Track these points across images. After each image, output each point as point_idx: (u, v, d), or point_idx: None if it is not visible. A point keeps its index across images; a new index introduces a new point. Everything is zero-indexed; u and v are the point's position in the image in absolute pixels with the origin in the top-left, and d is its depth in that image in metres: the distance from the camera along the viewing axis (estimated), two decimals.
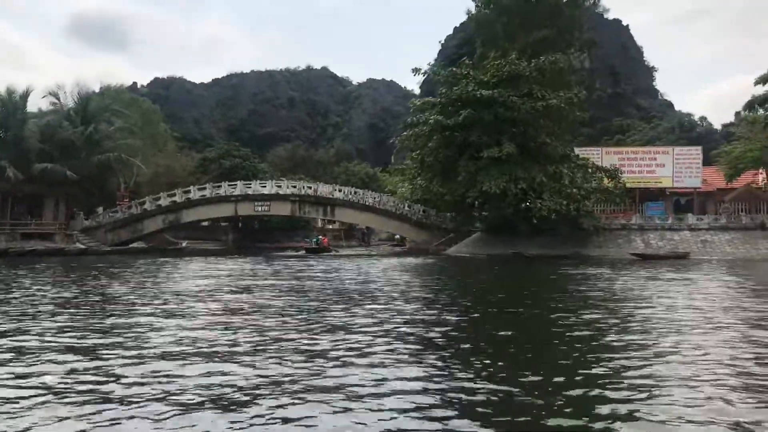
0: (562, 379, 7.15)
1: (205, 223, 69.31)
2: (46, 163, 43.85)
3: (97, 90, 56.15)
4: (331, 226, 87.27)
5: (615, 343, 9.61)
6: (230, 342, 9.48)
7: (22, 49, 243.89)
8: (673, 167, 48.25)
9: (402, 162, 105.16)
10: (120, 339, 9.79)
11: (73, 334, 10.21)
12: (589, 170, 43.39)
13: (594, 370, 7.63)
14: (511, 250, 39.95)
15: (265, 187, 51.88)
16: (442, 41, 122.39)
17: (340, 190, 52.46)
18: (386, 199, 51.91)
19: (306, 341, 9.55)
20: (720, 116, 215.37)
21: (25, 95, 45.10)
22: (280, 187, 51.89)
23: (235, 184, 51.36)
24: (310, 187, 51.92)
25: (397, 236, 56.62)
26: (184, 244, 58.67)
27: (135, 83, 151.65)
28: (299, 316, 12.35)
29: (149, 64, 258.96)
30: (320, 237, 56.56)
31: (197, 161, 71.78)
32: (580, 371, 7.58)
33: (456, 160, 41.11)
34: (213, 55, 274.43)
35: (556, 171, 40.20)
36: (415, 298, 16.17)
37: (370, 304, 14.55)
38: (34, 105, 49.78)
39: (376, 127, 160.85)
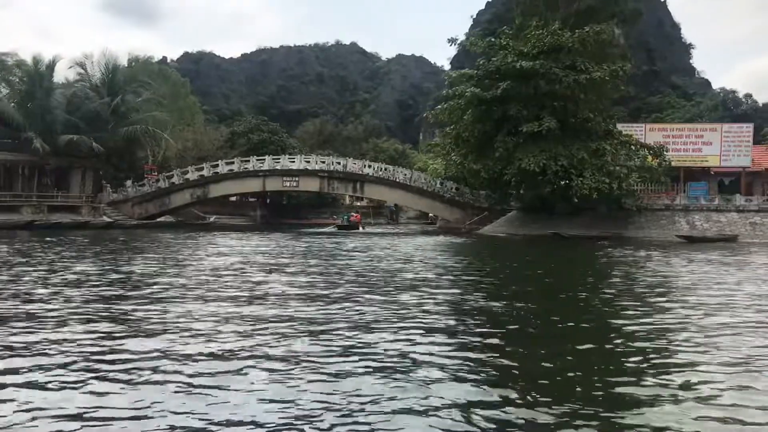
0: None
1: (234, 199, 68.69)
2: (72, 135, 43.11)
3: (124, 62, 55.18)
4: (359, 204, 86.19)
5: (696, 341, 8.10)
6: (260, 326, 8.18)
7: (50, 21, 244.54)
8: (721, 145, 45.82)
9: (431, 139, 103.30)
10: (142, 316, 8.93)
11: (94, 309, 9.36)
12: (633, 147, 41.28)
13: (673, 373, 6.17)
14: (548, 231, 38.25)
15: (293, 162, 50.68)
16: (474, 15, 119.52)
17: (369, 166, 51.01)
18: (417, 176, 50.27)
19: (346, 329, 8.23)
20: (761, 94, 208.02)
21: (52, 65, 44.33)
22: (308, 162, 50.64)
23: (264, 159, 50.26)
24: (339, 163, 50.57)
25: (433, 215, 54.98)
26: (212, 219, 58.01)
27: (165, 58, 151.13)
28: (336, 300, 11.04)
29: (179, 39, 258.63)
30: (351, 214, 55.29)
31: (226, 135, 70.80)
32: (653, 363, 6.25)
33: (493, 136, 39.28)
34: (242, 30, 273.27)
35: (598, 148, 38.19)
36: (455, 281, 14.79)
37: (409, 288, 13.19)
38: (60, 77, 49.14)
39: (405, 104, 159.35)
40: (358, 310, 9.95)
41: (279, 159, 50.99)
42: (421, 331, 8.30)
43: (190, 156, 59.47)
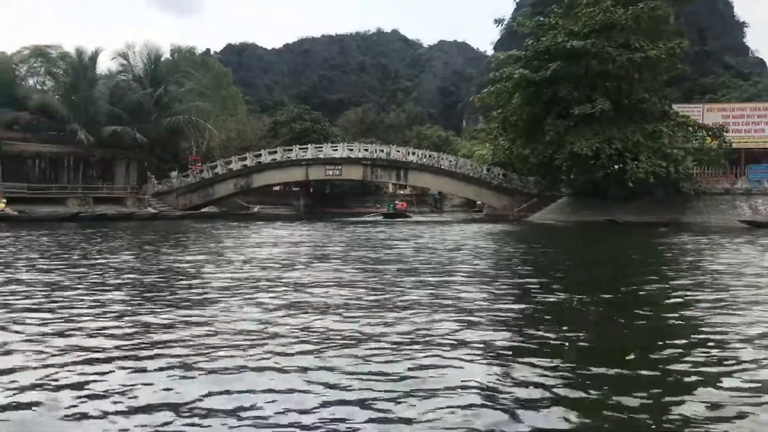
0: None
1: (277, 188, 68.54)
2: (115, 126, 43.18)
3: (167, 53, 55.21)
4: (402, 192, 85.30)
5: None
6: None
7: (93, 13, 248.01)
8: None
9: (474, 126, 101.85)
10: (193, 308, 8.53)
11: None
12: (690, 129, 39.34)
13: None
14: (601, 217, 36.71)
15: (336, 150, 49.98)
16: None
17: (413, 153, 49.95)
18: (463, 162, 48.99)
19: (403, 325, 7.31)
20: None
21: (94, 57, 44.40)
22: (351, 150, 49.87)
23: (306, 148, 49.69)
24: (383, 150, 49.62)
25: (479, 202, 53.62)
26: (255, 209, 57.87)
27: (208, 50, 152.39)
28: (389, 292, 10.13)
29: (221, 30, 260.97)
30: (396, 202, 54.40)
31: (268, 125, 70.57)
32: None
33: (542, 119, 37.80)
34: (285, 20, 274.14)
35: (654, 130, 36.43)
36: (510, 271, 13.77)
37: (466, 279, 12.21)
38: (103, 68, 49.34)
39: (447, 91, 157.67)
40: (415, 301, 9.04)
41: (321, 147, 50.35)
42: (481, 327, 7.34)
43: (233, 146, 59.29)
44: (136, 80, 47.65)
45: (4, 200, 35.99)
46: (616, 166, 36.58)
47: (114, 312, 8.26)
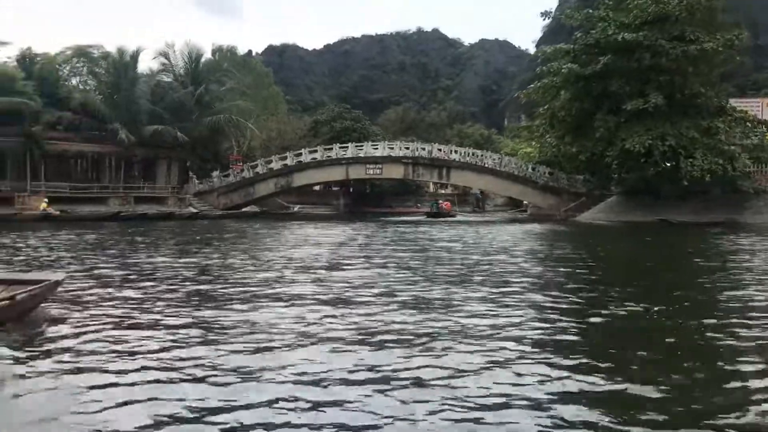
0: None
1: (317, 188, 68.21)
2: (156, 125, 43.13)
3: (208, 54, 55.18)
4: (443, 191, 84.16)
5: None
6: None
7: (135, 14, 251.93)
8: None
9: (516, 124, 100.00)
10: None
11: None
12: (749, 124, 37.43)
13: None
14: (653, 217, 35.13)
15: (377, 149, 49.17)
16: None
17: (456, 152, 48.80)
18: (507, 161, 47.62)
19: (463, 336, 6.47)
20: None
21: (135, 56, 44.37)
22: (392, 148, 48.98)
23: (347, 147, 49.01)
24: (424, 149, 48.54)
25: (526, 202, 52.00)
26: (296, 209, 57.45)
27: (250, 51, 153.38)
28: (444, 302, 9.26)
29: (263, 31, 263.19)
30: (441, 202, 53.38)
31: (309, 124, 70.19)
32: None
33: (592, 115, 36.34)
34: (325, 20, 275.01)
35: (710, 126, 34.70)
36: (576, 278, 12.74)
37: (531, 287, 11.27)
38: (144, 67, 49.44)
39: (488, 89, 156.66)
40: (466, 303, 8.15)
41: (362, 146, 49.59)
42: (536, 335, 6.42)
43: (273, 146, 58.95)
44: (177, 79, 47.55)
45: (46, 200, 36.11)
46: (668, 164, 35.03)
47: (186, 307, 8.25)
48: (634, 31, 34.92)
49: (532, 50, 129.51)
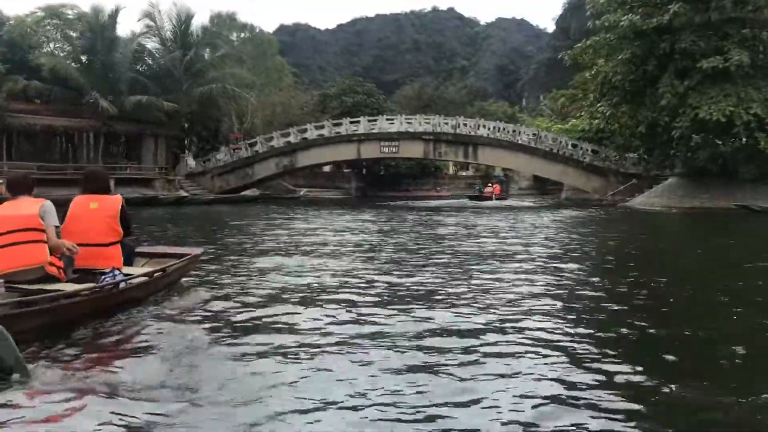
0: None
1: (326, 169, 62.30)
2: (140, 96, 37.11)
3: (206, 20, 48.74)
4: (464, 173, 78.15)
5: None
6: None
7: None
8: None
9: (535, 104, 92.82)
10: None
11: None
12: None
13: None
14: (728, 203, 28.79)
15: (392, 123, 43.07)
16: None
17: (484, 126, 42.44)
18: (545, 136, 40.98)
19: None
20: None
21: (114, 14, 38.12)
22: (410, 123, 42.79)
23: (358, 121, 42.97)
24: (447, 123, 42.05)
25: (566, 184, 44.99)
26: (301, 193, 51.52)
27: (261, 31, 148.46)
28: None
29: (274, 10, 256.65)
30: (489, 184, 50.88)
31: (316, 98, 63.70)
32: None
33: (655, 79, 29.81)
34: (338, 0, 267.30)
35: None
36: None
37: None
38: (126, 30, 43.10)
39: (506, 69, 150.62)
40: None
41: (376, 120, 43.40)
42: None
43: (278, 122, 52.54)
44: (165, 44, 41.31)
45: (3, 182, 30.25)
46: (744, 139, 28.73)
47: None
48: None
49: (550, 29, 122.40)
